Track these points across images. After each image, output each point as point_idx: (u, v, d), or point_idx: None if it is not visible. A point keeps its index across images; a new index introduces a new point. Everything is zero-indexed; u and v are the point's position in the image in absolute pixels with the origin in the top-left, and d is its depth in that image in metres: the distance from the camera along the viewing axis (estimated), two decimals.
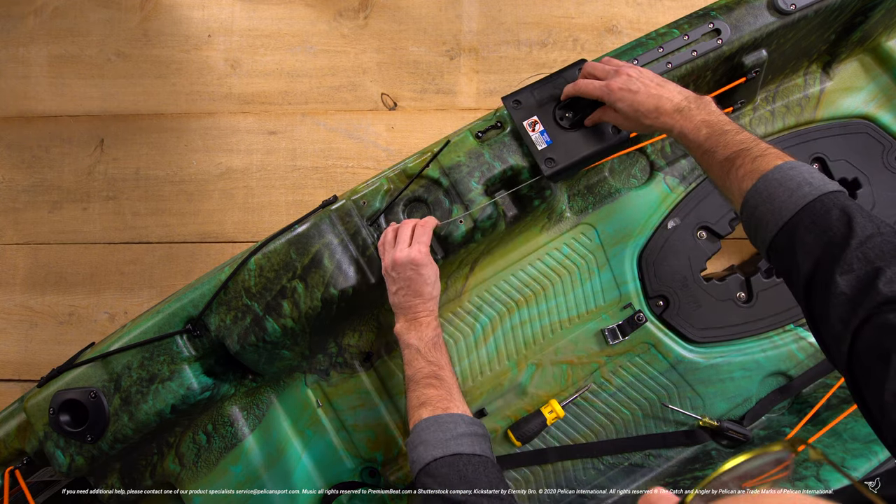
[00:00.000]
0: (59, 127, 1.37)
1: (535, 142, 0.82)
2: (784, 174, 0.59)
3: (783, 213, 0.57)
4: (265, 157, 1.32)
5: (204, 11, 1.37)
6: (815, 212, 0.55)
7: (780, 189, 0.58)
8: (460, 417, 0.70)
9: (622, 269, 1.02)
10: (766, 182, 0.59)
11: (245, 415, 0.93)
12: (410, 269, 0.78)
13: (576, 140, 0.83)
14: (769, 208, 0.58)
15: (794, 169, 0.59)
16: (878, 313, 0.48)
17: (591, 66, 0.80)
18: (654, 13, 1.30)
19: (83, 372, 0.85)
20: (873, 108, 1.05)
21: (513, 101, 0.84)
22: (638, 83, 0.74)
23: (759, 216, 0.59)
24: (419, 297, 0.80)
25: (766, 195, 0.59)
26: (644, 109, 0.72)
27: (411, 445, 0.70)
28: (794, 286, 0.59)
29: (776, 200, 0.58)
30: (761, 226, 0.59)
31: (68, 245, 1.33)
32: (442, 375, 0.76)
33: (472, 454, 0.66)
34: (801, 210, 0.56)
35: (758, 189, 0.59)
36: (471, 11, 1.33)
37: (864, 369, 0.49)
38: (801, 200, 0.56)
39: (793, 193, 0.57)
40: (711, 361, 1.00)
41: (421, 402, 0.74)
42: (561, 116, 0.84)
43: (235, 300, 0.84)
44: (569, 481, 0.99)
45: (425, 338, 0.79)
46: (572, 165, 0.82)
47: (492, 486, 0.62)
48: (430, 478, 0.64)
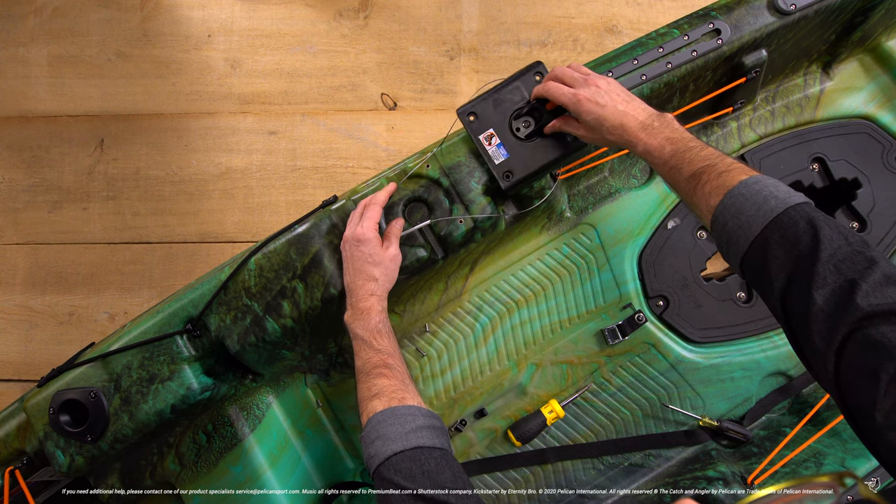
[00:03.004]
0: (58, 127, 1.37)
1: (492, 156, 0.81)
2: (749, 189, 0.58)
3: (752, 228, 0.57)
4: (265, 157, 1.32)
5: (204, 11, 1.37)
6: (783, 225, 0.55)
7: (748, 204, 0.58)
8: (417, 409, 0.67)
9: (622, 269, 1.02)
10: (732, 197, 0.59)
11: (245, 415, 0.93)
12: (352, 245, 0.78)
13: (533, 150, 0.82)
14: (737, 224, 0.58)
15: (759, 183, 0.59)
16: (860, 328, 0.48)
17: (561, 71, 0.78)
18: (654, 13, 1.30)
19: (83, 372, 0.85)
20: (873, 108, 1.05)
21: (468, 115, 0.82)
22: (606, 97, 0.73)
23: (729, 232, 0.59)
24: (361, 275, 0.77)
25: (733, 211, 0.58)
26: (609, 125, 0.72)
27: (367, 440, 0.66)
28: (769, 301, 0.58)
29: (744, 215, 0.57)
30: (731, 242, 0.59)
31: (68, 245, 1.33)
32: (391, 364, 0.73)
33: (433, 447, 0.64)
34: (769, 224, 0.56)
35: (725, 205, 0.59)
36: (471, 11, 1.33)
37: (852, 389, 0.48)
38: (768, 214, 0.56)
39: (760, 208, 0.57)
40: (711, 361, 1.00)
41: (373, 393, 0.70)
42: (517, 127, 0.82)
43: (235, 300, 0.84)
44: (569, 481, 0.99)
45: (370, 326, 0.75)
46: (529, 176, 0.81)
47: (456, 483, 0.60)
48: (393, 472, 0.61)
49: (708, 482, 0.91)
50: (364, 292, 0.77)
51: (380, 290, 0.78)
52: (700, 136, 1.06)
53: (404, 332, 1.00)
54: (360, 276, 0.77)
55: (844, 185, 1.04)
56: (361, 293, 0.77)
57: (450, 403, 1.00)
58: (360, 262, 0.77)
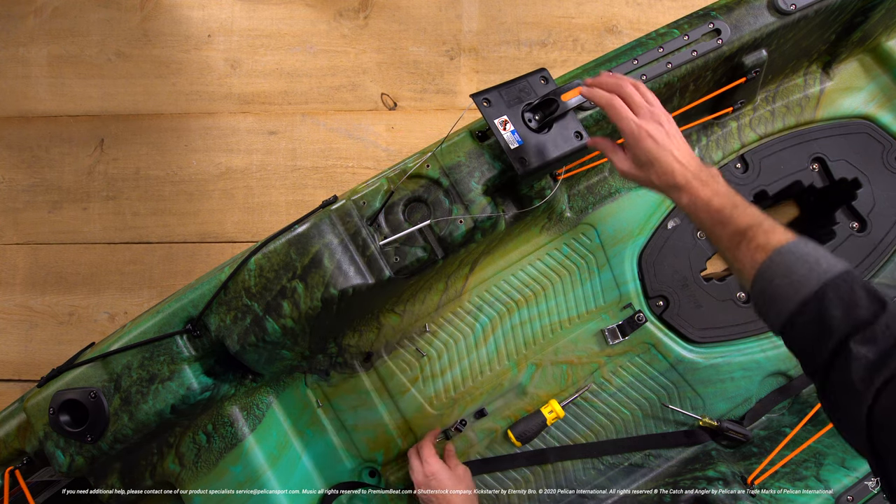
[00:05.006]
0: (59, 127, 1.37)
1: (507, 140, 0.82)
2: (800, 249, 0.58)
3: (804, 287, 0.56)
4: (265, 157, 1.32)
5: (204, 11, 1.37)
6: (839, 288, 0.55)
7: (799, 263, 0.57)
8: None
9: (622, 269, 1.02)
10: (781, 256, 0.58)
11: (245, 415, 0.93)
12: (429, 485, 0.87)
13: (545, 142, 0.82)
14: (787, 282, 0.57)
15: (809, 245, 0.59)
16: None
17: (624, 86, 0.74)
18: (654, 13, 1.30)
19: (83, 372, 0.85)
20: (873, 108, 1.05)
21: (483, 100, 0.83)
22: (666, 139, 0.71)
23: (775, 289, 0.58)
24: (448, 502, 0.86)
25: (783, 269, 0.58)
26: (660, 168, 0.70)
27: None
28: (812, 360, 0.57)
29: (795, 274, 0.57)
30: (778, 299, 0.58)
31: (68, 245, 1.33)
32: None
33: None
34: (824, 285, 0.55)
35: (773, 261, 0.59)
36: (471, 11, 1.33)
37: (886, 433, 0.48)
38: (823, 276, 0.56)
39: (812, 269, 0.56)
40: (711, 361, 1.00)
41: None
42: (529, 119, 0.83)
43: (235, 300, 0.84)
44: (569, 481, 0.99)
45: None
46: (545, 166, 0.82)
47: None
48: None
49: (708, 482, 0.91)
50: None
51: (473, 500, 0.88)
52: (700, 136, 1.06)
53: (404, 332, 1.00)
54: (454, 499, 0.86)
55: (844, 185, 1.04)
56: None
57: (450, 403, 1.00)
58: (443, 495, 0.86)
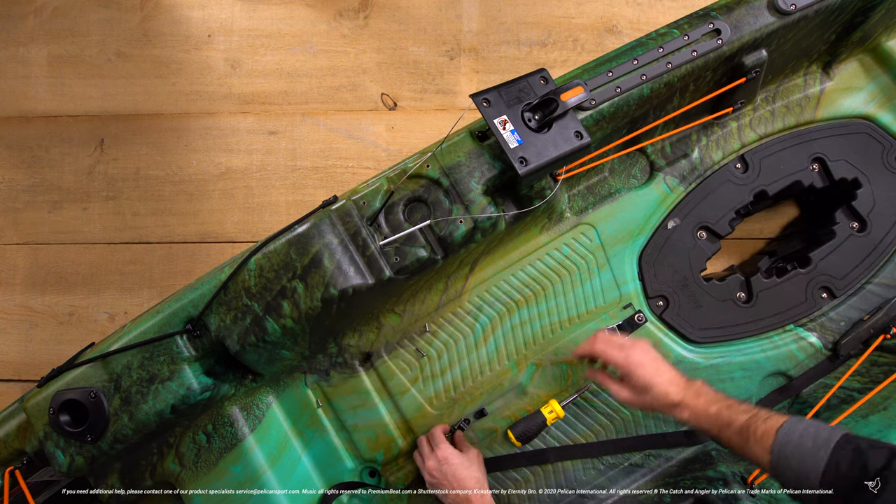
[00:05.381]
0: (59, 127, 1.37)
1: (507, 140, 0.82)
2: (796, 426, 0.68)
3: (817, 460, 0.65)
4: (265, 157, 1.32)
5: (204, 11, 1.37)
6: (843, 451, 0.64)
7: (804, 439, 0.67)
8: None
9: (622, 269, 1.02)
10: (787, 435, 0.68)
11: (245, 415, 0.93)
12: (440, 470, 0.89)
13: (544, 142, 0.83)
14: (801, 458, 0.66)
15: (802, 421, 0.69)
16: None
17: (604, 337, 0.87)
18: (654, 13, 1.30)
19: (83, 372, 0.85)
20: (873, 108, 1.05)
21: (483, 100, 0.83)
22: (653, 364, 0.82)
23: (794, 465, 0.67)
24: (466, 482, 0.88)
25: (792, 447, 0.67)
26: (657, 391, 0.80)
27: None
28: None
29: (804, 449, 0.66)
30: (803, 476, 0.66)
31: (68, 245, 1.33)
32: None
33: None
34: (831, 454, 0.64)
35: (783, 442, 0.68)
36: (471, 11, 1.33)
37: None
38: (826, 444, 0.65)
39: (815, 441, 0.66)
40: (711, 361, 1.00)
41: None
42: (529, 118, 0.83)
43: (235, 300, 0.84)
44: (569, 481, 0.99)
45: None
46: (545, 166, 0.82)
47: None
48: None
49: (708, 482, 0.91)
50: (475, 495, 0.87)
51: (484, 482, 0.90)
52: (700, 136, 1.06)
53: (404, 332, 1.00)
54: (466, 482, 0.88)
55: (844, 185, 1.04)
56: (474, 495, 0.87)
57: (450, 403, 1.00)
58: (455, 476, 0.88)
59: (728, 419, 0.74)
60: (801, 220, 1.13)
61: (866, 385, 0.96)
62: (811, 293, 1.01)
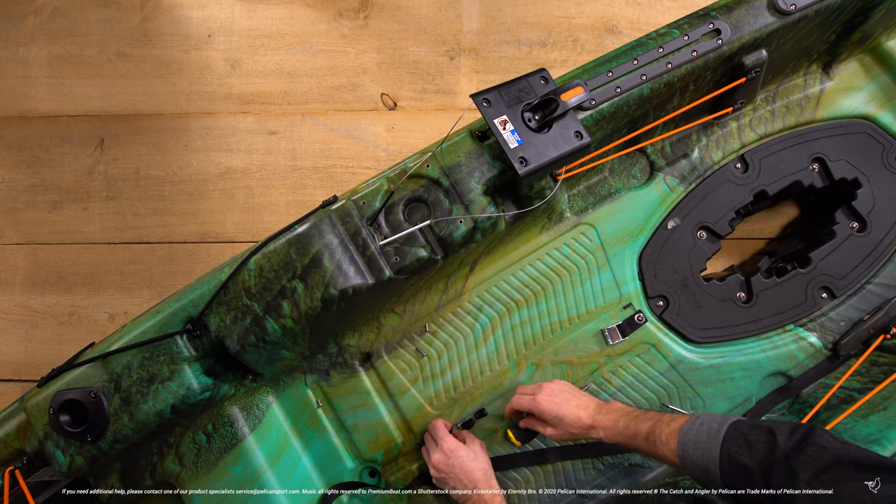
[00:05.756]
0: (59, 127, 1.37)
1: (507, 140, 0.82)
2: (693, 424, 0.73)
3: (712, 452, 0.69)
4: (265, 157, 1.32)
5: (204, 11, 1.37)
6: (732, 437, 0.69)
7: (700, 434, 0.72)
8: None
9: (622, 269, 1.02)
10: (686, 435, 0.73)
11: (245, 415, 0.93)
12: (447, 462, 0.89)
13: (544, 142, 0.83)
14: (701, 454, 0.71)
15: (698, 418, 0.74)
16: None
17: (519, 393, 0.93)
18: (654, 13, 1.30)
19: (83, 372, 0.85)
20: (873, 108, 1.05)
21: (483, 100, 0.83)
22: (559, 396, 0.88)
23: (697, 462, 0.71)
24: (473, 473, 0.88)
25: (692, 445, 0.72)
26: (569, 420, 0.85)
27: None
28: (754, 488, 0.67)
29: (701, 444, 0.71)
30: (707, 470, 0.70)
31: (68, 245, 1.33)
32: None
33: None
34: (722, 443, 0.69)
35: (683, 442, 0.73)
36: (471, 11, 1.33)
37: None
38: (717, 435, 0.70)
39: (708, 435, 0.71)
40: (711, 361, 1.00)
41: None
42: (529, 118, 0.83)
43: (235, 300, 0.84)
44: (569, 481, 0.99)
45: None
46: (545, 166, 0.82)
47: None
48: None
49: None
50: (484, 485, 0.88)
51: (491, 474, 0.90)
52: (700, 136, 1.06)
53: (404, 332, 1.00)
54: (474, 474, 0.88)
55: (844, 185, 1.04)
56: (484, 486, 0.88)
57: (450, 403, 1.00)
58: (462, 468, 0.88)
59: (634, 430, 0.79)
60: (801, 220, 1.13)
61: (866, 385, 0.96)
62: (811, 293, 1.01)
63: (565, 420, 0.86)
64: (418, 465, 1.00)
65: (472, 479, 0.87)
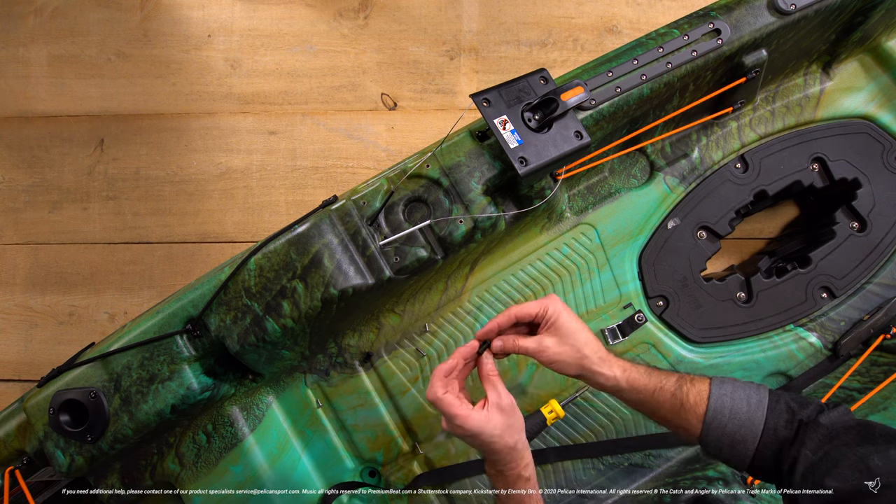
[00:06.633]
0: (59, 127, 1.37)
1: (507, 140, 0.82)
2: (724, 389, 0.66)
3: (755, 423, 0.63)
4: (265, 157, 1.32)
5: (204, 11, 1.37)
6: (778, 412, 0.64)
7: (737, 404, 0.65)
8: None
9: (622, 269, 1.02)
10: (719, 401, 0.66)
11: (245, 415, 0.93)
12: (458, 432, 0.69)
13: (544, 142, 0.83)
14: (738, 424, 0.64)
15: (725, 383, 0.67)
16: None
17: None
18: (654, 13, 1.30)
19: (83, 372, 0.85)
20: (873, 108, 1.05)
21: (483, 100, 0.83)
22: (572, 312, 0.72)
23: (731, 433, 0.64)
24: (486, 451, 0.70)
25: (727, 413, 0.65)
26: (585, 337, 0.70)
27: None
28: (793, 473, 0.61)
29: (740, 414, 0.64)
30: (741, 443, 0.64)
31: (68, 245, 1.33)
32: None
33: None
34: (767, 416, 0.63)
35: (716, 409, 0.65)
36: (471, 11, 1.33)
37: None
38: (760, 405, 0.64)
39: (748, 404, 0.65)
40: (711, 361, 1.00)
41: None
42: (529, 118, 0.83)
43: (235, 300, 0.84)
44: (569, 481, 0.98)
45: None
46: (545, 166, 0.82)
47: None
48: None
49: (708, 482, 0.91)
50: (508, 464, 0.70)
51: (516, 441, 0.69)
52: (700, 135, 1.06)
53: (404, 332, 1.00)
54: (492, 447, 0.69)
55: (844, 185, 1.04)
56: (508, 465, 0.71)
57: None
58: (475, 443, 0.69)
59: (658, 382, 0.69)
60: (801, 220, 1.13)
61: (866, 385, 0.96)
62: (811, 293, 1.01)
63: (582, 336, 0.69)
64: (418, 465, 1.00)
65: (489, 457, 0.70)
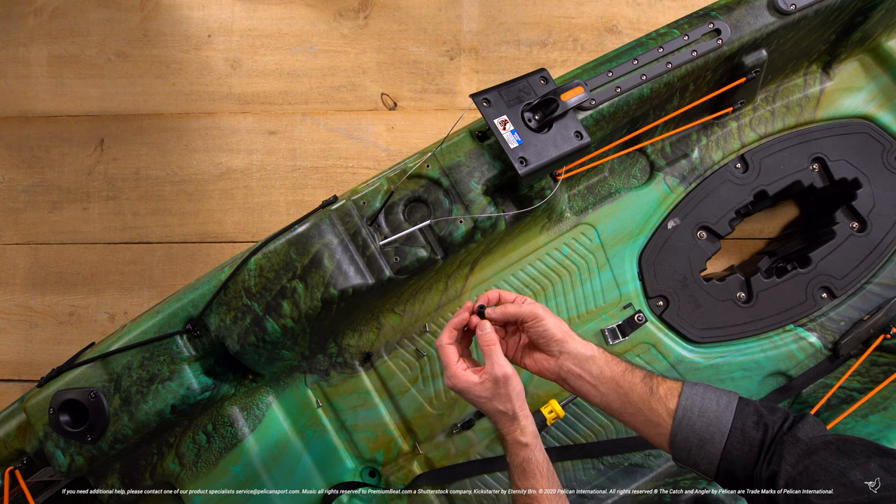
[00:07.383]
0: (59, 127, 1.37)
1: (507, 140, 0.82)
2: (695, 390, 0.67)
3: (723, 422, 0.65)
4: (265, 157, 1.32)
5: (204, 11, 1.37)
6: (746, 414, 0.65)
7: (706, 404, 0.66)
8: None
9: (622, 269, 1.02)
10: (690, 400, 0.67)
11: (245, 415, 0.93)
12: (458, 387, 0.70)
13: (544, 142, 0.83)
14: (706, 423, 0.65)
15: (697, 385, 0.68)
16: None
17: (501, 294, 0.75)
18: (654, 13, 1.30)
19: (83, 372, 0.85)
20: (873, 108, 1.05)
21: (483, 100, 0.83)
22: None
23: (699, 431, 0.65)
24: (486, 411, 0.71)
25: (697, 411, 0.66)
26: (575, 338, 0.71)
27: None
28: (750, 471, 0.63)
29: (709, 412, 0.65)
30: (708, 442, 0.64)
31: (68, 245, 1.33)
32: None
33: None
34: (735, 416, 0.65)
35: (686, 407, 0.66)
36: (471, 11, 1.33)
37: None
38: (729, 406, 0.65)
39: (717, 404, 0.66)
40: (711, 361, 1.00)
41: None
42: (529, 118, 0.83)
43: (235, 300, 0.84)
44: (569, 481, 0.98)
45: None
46: (545, 166, 0.82)
47: None
48: None
49: (708, 482, 0.91)
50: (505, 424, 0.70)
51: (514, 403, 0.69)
52: (700, 135, 1.06)
53: (404, 332, 1.00)
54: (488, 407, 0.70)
55: (844, 185, 1.04)
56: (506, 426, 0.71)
57: (450, 403, 0.99)
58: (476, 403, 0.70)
59: (631, 380, 0.69)
60: (801, 220, 1.13)
61: (866, 385, 0.96)
62: (811, 293, 1.01)
63: (569, 339, 0.71)
64: (418, 465, 1.00)
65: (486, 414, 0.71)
